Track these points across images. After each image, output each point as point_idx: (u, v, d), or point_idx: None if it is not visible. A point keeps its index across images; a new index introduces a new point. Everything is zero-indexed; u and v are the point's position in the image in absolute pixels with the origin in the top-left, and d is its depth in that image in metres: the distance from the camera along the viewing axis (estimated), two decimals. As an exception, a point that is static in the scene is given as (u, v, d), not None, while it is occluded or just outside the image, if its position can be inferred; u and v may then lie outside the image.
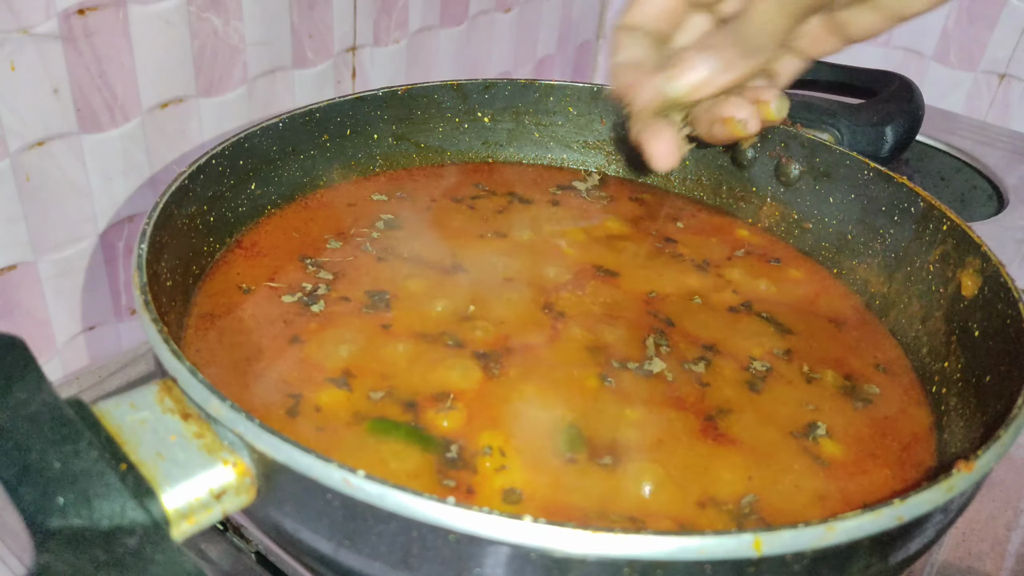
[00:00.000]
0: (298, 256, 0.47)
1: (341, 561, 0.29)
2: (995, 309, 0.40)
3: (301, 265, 0.46)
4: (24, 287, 0.54)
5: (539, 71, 0.95)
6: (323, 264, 0.46)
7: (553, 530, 0.25)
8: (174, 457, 0.28)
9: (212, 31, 0.58)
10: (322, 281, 0.45)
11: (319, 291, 0.44)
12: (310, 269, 0.46)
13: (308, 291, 0.44)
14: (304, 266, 0.46)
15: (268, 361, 0.39)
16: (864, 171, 0.50)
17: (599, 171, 0.59)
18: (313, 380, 0.38)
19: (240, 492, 0.29)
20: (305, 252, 0.47)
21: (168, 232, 0.40)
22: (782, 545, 0.26)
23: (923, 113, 0.75)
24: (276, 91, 0.64)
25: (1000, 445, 0.31)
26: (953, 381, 0.41)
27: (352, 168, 0.54)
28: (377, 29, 0.71)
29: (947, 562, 0.44)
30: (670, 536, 0.25)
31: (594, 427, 0.37)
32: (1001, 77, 0.88)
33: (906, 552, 0.31)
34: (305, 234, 0.49)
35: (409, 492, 0.26)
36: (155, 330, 0.32)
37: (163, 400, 0.30)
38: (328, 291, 0.44)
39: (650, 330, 0.44)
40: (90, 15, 0.50)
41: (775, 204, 0.54)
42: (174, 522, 0.27)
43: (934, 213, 0.46)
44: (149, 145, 0.57)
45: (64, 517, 0.25)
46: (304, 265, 0.46)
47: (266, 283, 0.44)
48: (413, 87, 0.54)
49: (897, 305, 0.47)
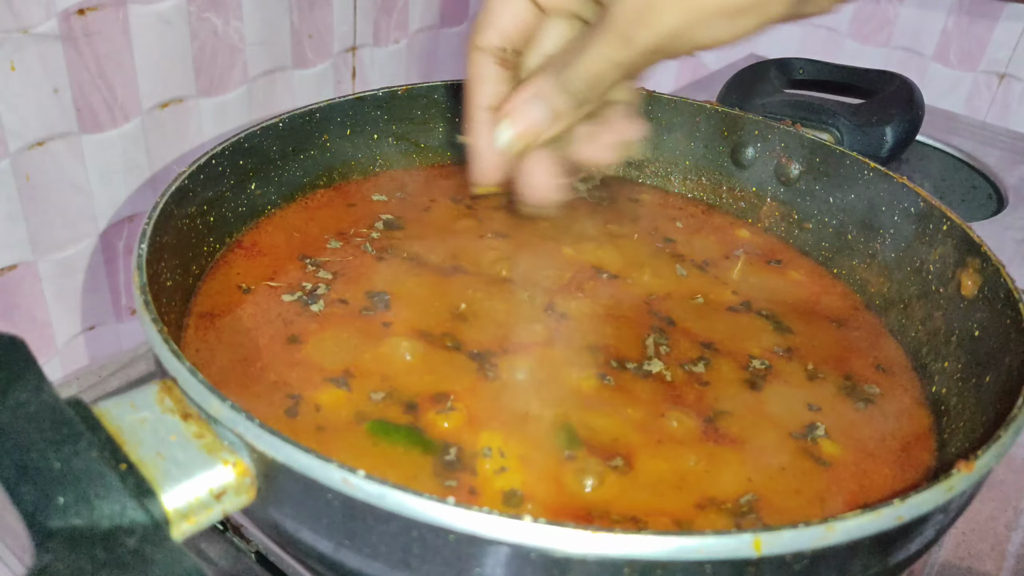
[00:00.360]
0: (298, 256, 0.47)
1: (341, 561, 0.29)
2: (995, 309, 0.40)
3: (301, 265, 0.46)
4: (24, 287, 0.54)
5: (539, 71, 0.95)
6: (323, 264, 0.46)
7: (553, 530, 0.25)
8: (174, 457, 0.28)
9: (212, 31, 0.58)
10: (322, 281, 0.45)
11: (319, 291, 0.44)
12: (310, 269, 0.46)
13: (308, 290, 0.44)
14: (304, 265, 0.46)
15: (267, 361, 0.39)
16: (864, 171, 0.50)
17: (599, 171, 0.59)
18: (312, 380, 0.38)
19: (240, 492, 0.29)
20: (305, 252, 0.47)
21: (168, 232, 0.40)
22: (782, 545, 0.26)
23: (923, 113, 0.75)
24: (276, 91, 0.64)
25: (1000, 445, 0.31)
26: (953, 381, 0.41)
27: (352, 168, 0.54)
28: (377, 29, 0.71)
29: (947, 562, 0.44)
30: (670, 536, 0.25)
31: (593, 427, 0.37)
32: (1001, 77, 0.88)
33: (906, 552, 0.31)
34: (305, 234, 0.49)
35: (409, 492, 0.26)
36: (155, 330, 0.32)
37: (163, 400, 0.30)
38: (328, 291, 0.44)
39: (649, 330, 0.44)
40: (90, 15, 0.50)
41: (775, 204, 0.55)
42: (174, 522, 0.27)
43: (934, 213, 0.46)
44: (149, 145, 0.57)
45: (64, 517, 0.25)
46: (304, 264, 0.46)
47: (265, 282, 0.44)
48: (413, 87, 0.54)
49: (897, 305, 0.47)
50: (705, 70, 1.01)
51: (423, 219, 0.52)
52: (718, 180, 0.57)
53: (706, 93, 0.85)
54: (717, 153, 0.56)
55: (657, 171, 0.58)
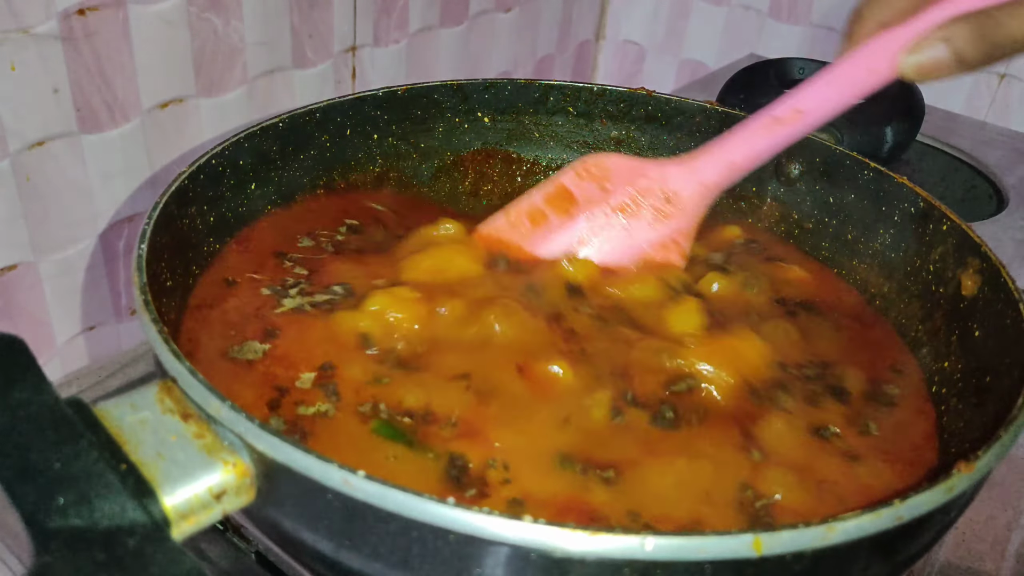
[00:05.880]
0: (295, 253, 0.47)
1: (341, 561, 0.29)
2: (995, 309, 0.40)
3: (294, 262, 0.46)
4: (24, 287, 0.54)
5: (539, 71, 0.95)
6: (319, 262, 0.46)
7: (553, 530, 0.25)
8: (174, 457, 0.28)
9: (212, 31, 0.58)
10: (300, 277, 0.45)
11: (313, 289, 0.44)
12: (298, 270, 0.46)
13: (301, 288, 0.44)
14: (296, 263, 0.46)
15: (253, 351, 0.39)
16: (864, 171, 0.50)
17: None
18: (295, 373, 0.38)
19: (240, 492, 0.29)
20: (305, 250, 0.47)
21: (168, 232, 0.40)
22: (782, 545, 0.26)
23: (923, 113, 0.75)
24: (276, 91, 0.64)
25: (1000, 445, 0.31)
26: (953, 381, 0.41)
27: (352, 168, 0.54)
28: (377, 29, 0.71)
29: (947, 562, 0.44)
30: (670, 536, 0.25)
31: (594, 449, 0.37)
32: (1001, 77, 0.88)
33: (906, 552, 0.31)
34: (304, 234, 0.49)
35: (409, 492, 0.26)
36: (155, 330, 0.32)
37: (163, 400, 0.30)
38: (318, 288, 0.44)
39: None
40: (90, 15, 0.50)
41: (775, 204, 0.54)
42: (174, 522, 0.27)
43: (934, 213, 0.46)
44: (149, 145, 0.57)
45: (64, 517, 0.25)
46: (297, 262, 0.46)
47: (249, 274, 0.44)
48: (413, 87, 0.54)
49: (897, 305, 0.47)
50: (705, 70, 1.01)
51: (421, 220, 0.52)
52: (718, 180, 0.57)
53: (706, 93, 0.85)
54: (717, 153, 0.56)
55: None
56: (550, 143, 0.59)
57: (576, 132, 0.59)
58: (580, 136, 0.59)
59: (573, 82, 0.57)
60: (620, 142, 0.58)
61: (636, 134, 0.58)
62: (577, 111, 0.58)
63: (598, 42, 1.05)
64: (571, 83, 0.57)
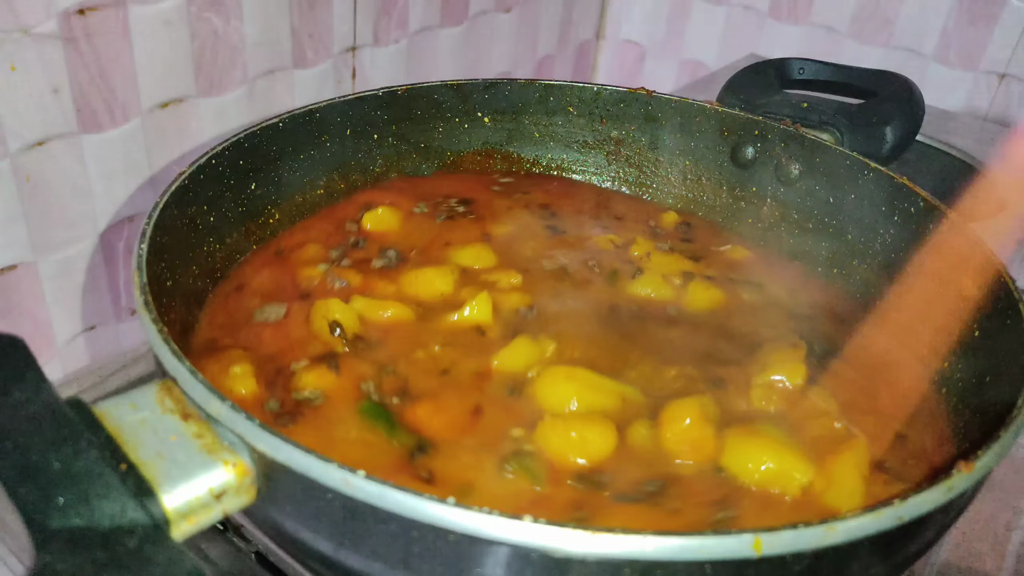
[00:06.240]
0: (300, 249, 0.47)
1: (341, 561, 0.29)
2: (995, 310, 0.40)
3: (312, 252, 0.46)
4: (24, 287, 0.54)
5: (539, 71, 0.95)
6: (328, 256, 0.47)
7: (553, 530, 0.25)
8: (174, 457, 0.28)
9: (212, 31, 0.58)
10: (323, 263, 0.45)
11: (314, 281, 0.44)
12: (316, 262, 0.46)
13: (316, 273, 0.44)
14: (300, 264, 0.46)
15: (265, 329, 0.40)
16: (864, 171, 0.50)
17: (599, 171, 0.59)
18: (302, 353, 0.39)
19: (240, 492, 0.29)
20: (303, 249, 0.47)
21: (168, 232, 0.40)
22: (782, 545, 0.26)
23: (923, 113, 0.75)
24: (276, 91, 0.64)
25: (1000, 445, 0.31)
26: (953, 381, 0.41)
27: (352, 168, 0.54)
28: (377, 29, 0.71)
29: (947, 562, 0.44)
30: (670, 536, 0.25)
31: None
32: (1001, 77, 0.88)
33: (906, 552, 0.31)
34: (306, 232, 0.49)
35: (409, 492, 0.26)
36: (155, 330, 0.32)
37: (163, 400, 0.30)
38: (332, 276, 0.44)
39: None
40: (90, 15, 0.50)
41: (775, 204, 0.54)
42: (174, 522, 0.27)
43: (934, 213, 0.46)
44: (149, 145, 0.57)
45: (64, 517, 0.25)
46: (301, 264, 0.46)
47: (252, 274, 0.45)
48: (413, 87, 0.54)
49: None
50: (705, 70, 1.01)
51: (420, 217, 0.52)
52: (719, 180, 0.57)
53: (706, 93, 0.85)
54: (717, 153, 0.56)
55: (656, 171, 0.58)
56: (550, 143, 0.59)
57: (576, 132, 0.59)
58: (580, 136, 0.59)
59: (573, 82, 0.57)
60: (620, 142, 0.58)
61: (636, 134, 0.58)
62: (577, 111, 0.58)
63: (598, 42, 1.05)
64: (571, 83, 0.57)
